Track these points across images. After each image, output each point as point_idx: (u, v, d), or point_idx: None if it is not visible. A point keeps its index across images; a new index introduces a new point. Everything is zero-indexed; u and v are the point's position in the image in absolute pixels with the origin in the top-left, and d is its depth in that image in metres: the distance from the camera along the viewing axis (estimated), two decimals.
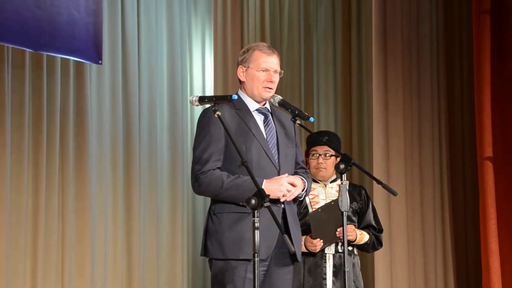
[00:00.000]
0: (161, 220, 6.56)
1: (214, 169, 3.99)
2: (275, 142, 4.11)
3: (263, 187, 3.90)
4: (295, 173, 4.17)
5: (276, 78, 4.12)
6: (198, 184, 4.00)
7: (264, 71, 4.10)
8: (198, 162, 4.01)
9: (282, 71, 4.18)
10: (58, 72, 5.91)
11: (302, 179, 4.09)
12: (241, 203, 3.88)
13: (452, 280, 7.30)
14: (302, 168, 4.25)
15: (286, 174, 4.03)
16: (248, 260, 3.89)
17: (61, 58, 5.87)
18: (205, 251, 4.07)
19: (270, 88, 4.11)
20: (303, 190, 4.09)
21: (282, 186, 3.96)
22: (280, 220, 4.00)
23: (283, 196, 3.98)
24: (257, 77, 4.10)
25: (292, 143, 4.20)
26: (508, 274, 6.83)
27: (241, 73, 4.16)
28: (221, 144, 4.02)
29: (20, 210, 5.65)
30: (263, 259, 3.94)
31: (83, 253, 5.94)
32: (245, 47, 4.25)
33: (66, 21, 5.69)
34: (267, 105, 4.19)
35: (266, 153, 4.03)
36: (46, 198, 5.79)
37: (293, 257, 4.08)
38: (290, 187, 3.99)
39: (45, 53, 5.73)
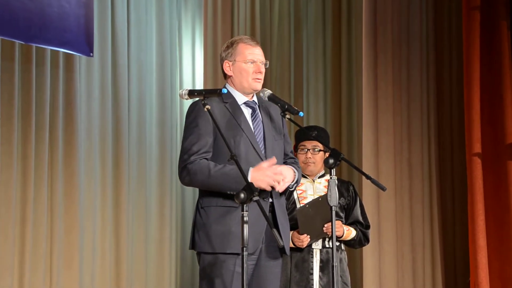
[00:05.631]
0: (150, 214, 6.55)
1: (201, 159, 3.98)
2: (262, 136, 4.10)
3: (249, 176, 3.89)
4: (285, 164, 4.16)
5: (263, 69, 4.13)
6: (186, 173, 3.97)
7: (252, 63, 4.10)
8: (186, 152, 3.99)
9: (268, 62, 4.18)
10: (47, 65, 5.89)
11: (293, 169, 4.08)
12: (228, 192, 3.90)
13: (440, 276, 7.31)
14: (291, 158, 4.24)
15: (274, 160, 3.98)
16: (236, 254, 3.89)
17: (51, 50, 5.85)
18: (193, 245, 4.07)
19: (260, 79, 4.11)
20: (293, 181, 4.09)
21: (267, 177, 3.92)
22: (268, 214, 4.00)
23: (278, 184, 3.94)
24: (245, 70, 4.10)
25: (280, 135, 4.20)
26: (496, 270, 6.85)
27: (227, 67, 4.15)
28: (210, 138, 4.01)
29: (9, 202, 5.63)
30: (251, 253, 3.94)
31: (71, 246, 5.93)
32: (227, 42, 4.24)
33: (57, 13, 5.66)
34: (255, 98, 4.19)
35: (253, 147, 4.03)
36: (34, 191, 5.77)
37: (281, 250, 4.08)
38: (277, 177, 3.96)
39: (35, 45, 5.70)
